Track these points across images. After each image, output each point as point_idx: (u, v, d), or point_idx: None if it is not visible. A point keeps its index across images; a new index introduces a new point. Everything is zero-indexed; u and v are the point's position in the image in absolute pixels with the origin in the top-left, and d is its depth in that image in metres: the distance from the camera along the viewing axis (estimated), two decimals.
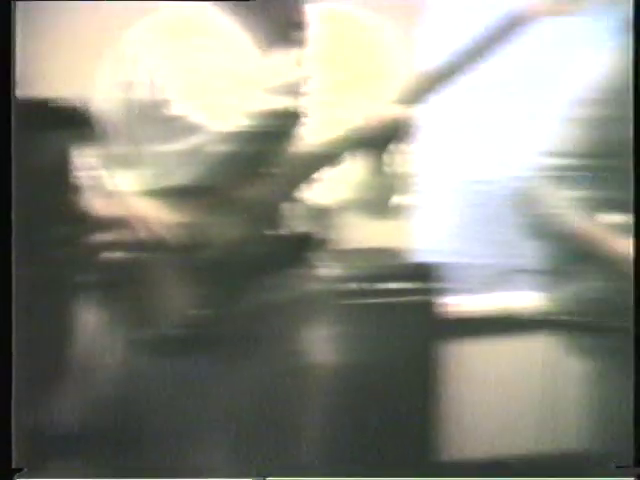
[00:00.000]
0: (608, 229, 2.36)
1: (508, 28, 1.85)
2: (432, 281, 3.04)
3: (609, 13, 3.42)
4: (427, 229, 3.46)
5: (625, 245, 2.32)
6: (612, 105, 2.37)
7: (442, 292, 3.29)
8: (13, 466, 1.73)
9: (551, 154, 2.46)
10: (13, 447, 1.73)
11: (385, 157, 1.91)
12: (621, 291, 2.33)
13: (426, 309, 2.98)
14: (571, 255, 2.42)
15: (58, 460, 1.72)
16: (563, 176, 2.47)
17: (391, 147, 1.90)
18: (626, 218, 2.36)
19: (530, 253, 3.45)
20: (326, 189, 1.91)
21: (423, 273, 3.03)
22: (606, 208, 2.39)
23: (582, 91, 2.41)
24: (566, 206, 2.43)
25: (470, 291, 3.50)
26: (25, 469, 1.74)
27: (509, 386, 3.52)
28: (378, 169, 1.92)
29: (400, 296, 2.97)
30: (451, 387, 3.39)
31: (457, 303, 3.44)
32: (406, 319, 2.97)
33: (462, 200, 3.47)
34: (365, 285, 2.93)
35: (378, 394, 2.93)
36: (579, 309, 2.40)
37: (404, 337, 2.97)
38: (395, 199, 2.09)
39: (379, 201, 2.02)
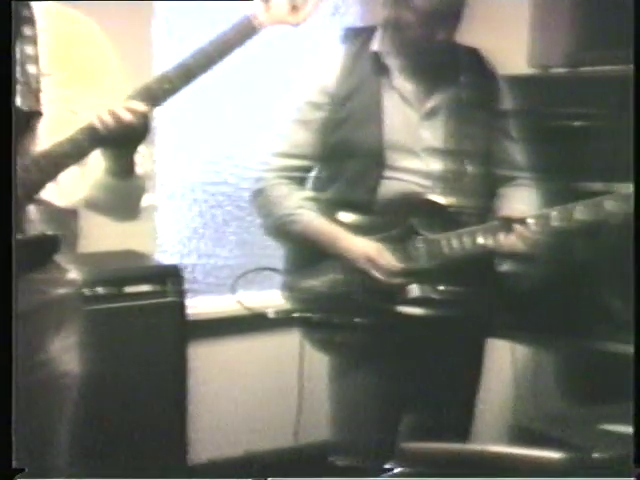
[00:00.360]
0: (345, 228, 2.43)
1: (242, 33, 1.88)
2: (179, 283, 3.02)
3: (335, 22, 3.56)
4: (171, 231, 3.45)
5: (359, 243, 2.39)
6: (341, 109, 2.44)
7: (189, 294, 3.29)
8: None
9: (286, 155, 2.49)
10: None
11: (127, 157, 1.88)
12: (357, 287, 2.42)
13: (174, 311, 2.96)
14: (310, 254, 2.47)
15: None
16: (300, 177, 2.52)
17: (132, 147, 1.87)
18: (358, 218, 2.43)
19: (271, 252, 3.51)
20: (69, 190, 1.86)
21: (169, 275, 3.00)
22: (342, 208, 2.46)
23: (312, 95, 2.47)
24: (303, 206, 2.47)
25: (216, 292, 3.53)
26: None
27: (259, 384, 3.58)
28: (121, 169, 1.89)
29: (148, 299, 2.93)
30: (204, 388, 3.40)
31: (204, 304, 3.46)
32: (155, 322, 2.94)
33: (203, 201, 3.49)
34: (112, 289, 2.87)
35: (130, 398, 2.88)
36: (319, 306, 2.46)
37: (154, 340, 2.94)
38: (139, 201, 2.05)
39: (123, 202, 1.99)
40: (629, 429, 2.14)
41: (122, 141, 1.82)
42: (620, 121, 2.62)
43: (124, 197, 1.96)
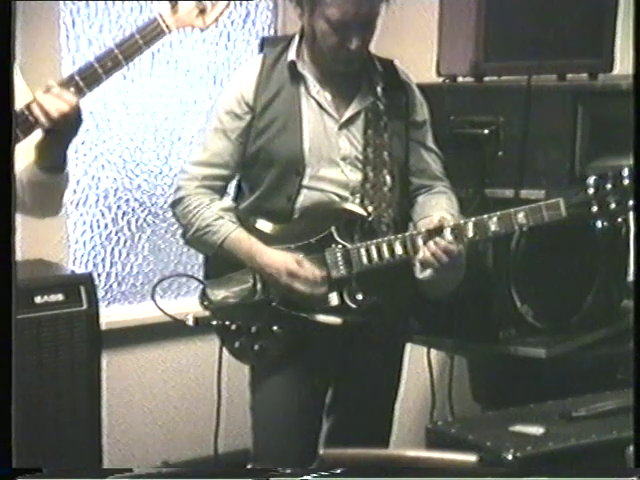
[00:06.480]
0: (264, 237, 2.43)
1: (149, 36, 1.87)
2: (92, 292, 2.95)
3: (250, 28, 3.55)
4: (83, 238, 3.39)
5: (279, 258, 2.37)
6: (260, 118, 2.42)
7: (103, 302, 3.23)
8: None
9: (206, 164, 2.46)
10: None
11: (61, 151, 1.85)
12: (275, 295, 2.42)
13: (87, 320, 2.90)
14: (229, 261, 2.46)
15: None
16: (220, 186, 2.50)
17: (67, 140, 1.84)
18: (277, 226, 2.42)
19: (187, 259, 3.49)
20: None
21: (82, 284, 2.94)
22: (261, 216, 2.46)
23: (231, 104, 2.44)
24: (223, 217, 2.45)
25: (130, 299, 3.49)
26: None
27: (176, 392, 3.55)
28: (53, 164, 1.86)
29: (59, 309, 2.86)
30: (119, 398, 3.35)
31: (118, 312, 3.41)
32: (67, 332, 2.87)
33: (116, 208, 3.43)
34: (22, 299, 2.79)
35: (42, 408, 2.81)
36: (237, 314, 2.45)
37: (66, 350, 2.87)
38: (63, 197, 2.02)
39: (50, 199, 1.95)
40: (539, 430, 2.21)
41: (58, 132, 1.79)
42: (524, 129, 2.69)
43: (52, 193, 1.92)
